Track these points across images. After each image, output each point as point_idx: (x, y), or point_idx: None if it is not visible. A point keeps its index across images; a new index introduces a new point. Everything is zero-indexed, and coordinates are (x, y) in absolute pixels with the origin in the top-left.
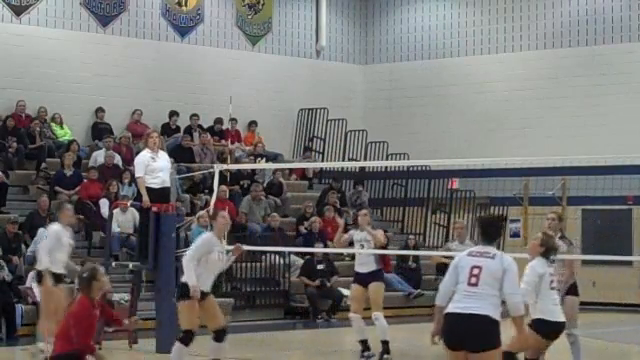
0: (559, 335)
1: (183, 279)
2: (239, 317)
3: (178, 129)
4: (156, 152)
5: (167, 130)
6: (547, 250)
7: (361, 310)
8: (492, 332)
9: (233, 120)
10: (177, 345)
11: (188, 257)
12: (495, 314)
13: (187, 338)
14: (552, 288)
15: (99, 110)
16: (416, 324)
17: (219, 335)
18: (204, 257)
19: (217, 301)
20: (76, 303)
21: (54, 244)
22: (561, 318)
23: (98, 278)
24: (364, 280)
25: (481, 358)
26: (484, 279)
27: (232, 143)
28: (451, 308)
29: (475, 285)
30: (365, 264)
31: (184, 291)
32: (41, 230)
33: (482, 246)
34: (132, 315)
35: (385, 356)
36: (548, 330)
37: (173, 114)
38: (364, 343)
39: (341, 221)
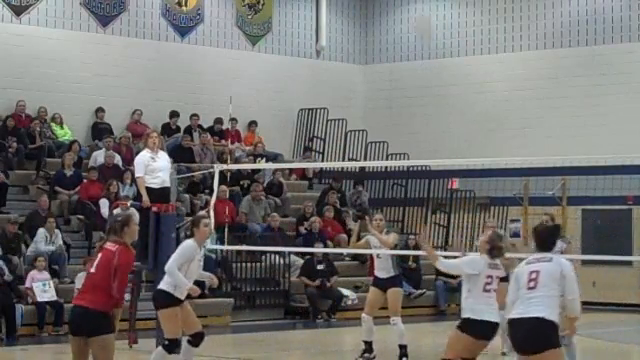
0: (491, 336)
1: (161, 286)
2: (239, 317)
3: (178, 129)
4: (156, 152)
5: (167, 130)
6: (492, 248)
7: (373, 313)
8: (549, 332)
9: (233, 120)
10: (160, 350)
11: (171, 265)
12: (551, 315)
13: (172, 346)
14: (486, 290)
15: (99, 110)
16: (416, 324)
17: (197, 340)
18: (185, 265)
19: (217, 301)
20: (119, 254)
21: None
22: (492, 318)
23: (131, 224)
24: (383, 285)
25: (542, 358)
26: (542, 282)
27: (232, 143)
28: (512, 314)
29: (534, 289)
30: (384, 269)
31: (165, 299)
32: (41, 230)
33: (538, 254)
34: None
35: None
36: (476, 331)
37: (173, 114)
38: (369, 344)
39: (355, 227)
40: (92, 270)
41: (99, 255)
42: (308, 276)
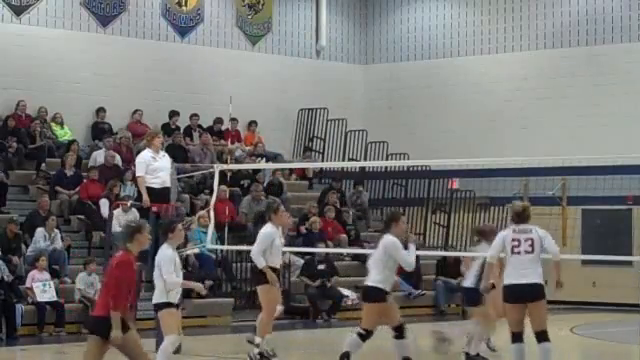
0: None
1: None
2: (239, 317)
3: (178, 129)
4: (157, 152)
5: (167, 130)
6: None
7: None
8: None
9: (233, 120)
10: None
11: (255, 251)
12: None
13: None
14: None
15: (100, 110)
16: (416, 324)
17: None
18: (267, 250)
19: (217, 301)
20: (116, 262)
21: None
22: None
23: (142, 233)
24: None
25: None
26: None
27: (232, 143)
28: None
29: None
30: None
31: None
32: (39, 230)
33: None
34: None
35: None
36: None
37: (173, 114)
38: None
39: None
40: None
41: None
42: (309, 276)
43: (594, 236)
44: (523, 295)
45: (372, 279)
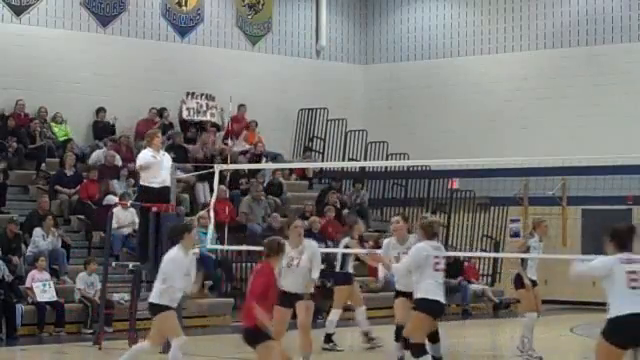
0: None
1: None
2: (239, 317)
3: (172, 125)
4: (157, 151)
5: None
6: None
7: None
8: None
9: (242, 106)
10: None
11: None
12: None
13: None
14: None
15: (101, 110)
16: None
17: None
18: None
19: (217, 301)
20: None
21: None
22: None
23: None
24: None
25: None
26: None
27: (232, 139)
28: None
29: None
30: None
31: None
32: (37, 230)
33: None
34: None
35: None
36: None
37: (173, 114)
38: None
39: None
40: None
41: None
42: None
43: (594, 236)
44: None
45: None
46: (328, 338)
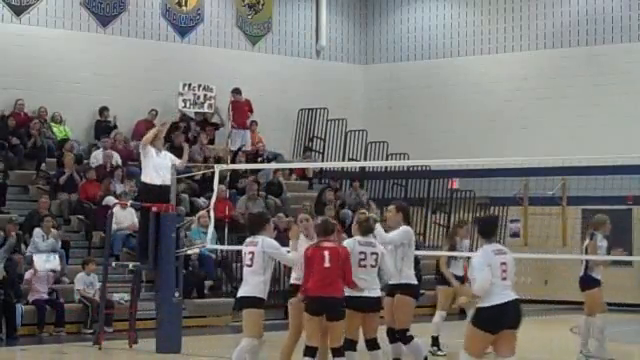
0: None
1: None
2: (239, 317)
3: (178, 128)
4: (159, 150)
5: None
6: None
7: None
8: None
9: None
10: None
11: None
12: None
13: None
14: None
15: (104, 109)
16: (416, 324)
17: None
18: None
19: (217, 301)
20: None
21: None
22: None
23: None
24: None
25: (514, 336)
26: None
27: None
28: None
29: (505, 279)
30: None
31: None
32: (37, 230)
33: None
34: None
35: None
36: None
37: (173, 114)
38: (436, 340)
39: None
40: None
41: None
42: None
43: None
44: None
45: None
46: (435, 341)
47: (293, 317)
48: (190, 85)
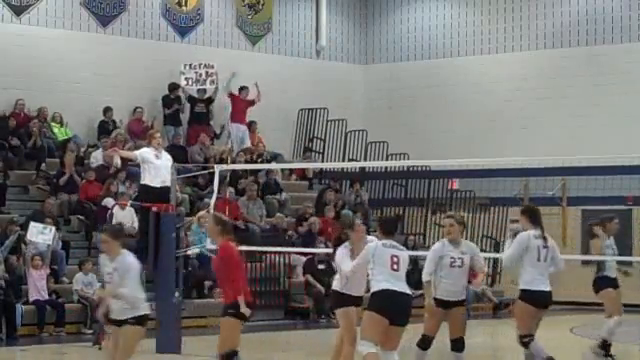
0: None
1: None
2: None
3: None
4: (159, 151)
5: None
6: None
7: None
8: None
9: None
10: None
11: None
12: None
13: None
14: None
15: (108, 109)
16: (416, 324)
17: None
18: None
19: (217, 302)
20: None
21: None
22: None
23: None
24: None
25: (398, 331)
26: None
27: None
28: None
29: (397, 270)
30: None
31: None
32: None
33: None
34: None
35: None
36: None
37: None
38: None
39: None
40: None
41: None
42: (311, 276)
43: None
44: None
45: None
46: (603, 345)
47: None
48: (191, 65)
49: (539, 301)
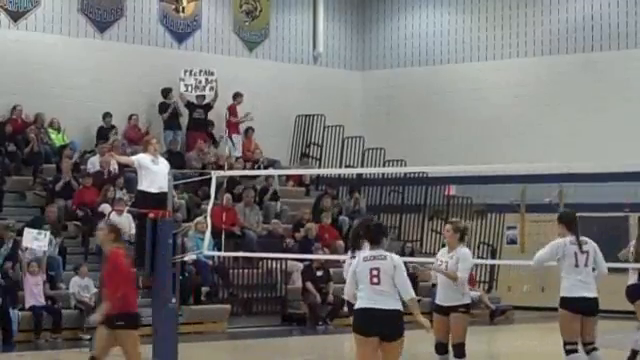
0: None
1: None
2: (236, 323)
3: None
4: (156, 157)
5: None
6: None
7: None
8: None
9: (238, 96)
10: None
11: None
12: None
13: None
14: None
15: (107, 115)
16: (412, 331)
17: None
18: None
19: (214, 308)
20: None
21: None
22: None
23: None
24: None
25: (391, 346)
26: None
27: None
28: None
29: (378, 284)
30: None
31: None
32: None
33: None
34: None
35: None
36: None
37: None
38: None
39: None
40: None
41: None
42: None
43: None
44: None
45: None
46: (634, 355)
47: None
48: (191, 71)
49: (578, 308)
